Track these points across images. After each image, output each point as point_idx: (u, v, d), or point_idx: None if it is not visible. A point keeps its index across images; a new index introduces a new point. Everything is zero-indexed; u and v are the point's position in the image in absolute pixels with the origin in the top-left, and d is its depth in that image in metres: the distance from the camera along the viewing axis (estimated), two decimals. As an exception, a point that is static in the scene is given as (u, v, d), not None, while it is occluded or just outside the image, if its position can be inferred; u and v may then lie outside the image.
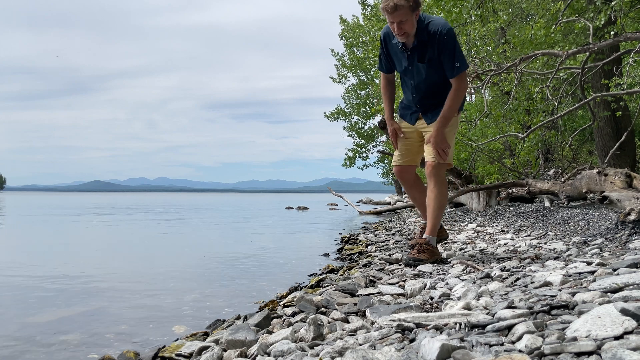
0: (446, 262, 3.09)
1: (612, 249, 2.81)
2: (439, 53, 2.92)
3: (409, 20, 2.82)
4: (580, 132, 8.27)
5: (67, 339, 2.39)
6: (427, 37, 2.90)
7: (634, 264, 1.97)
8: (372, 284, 2.73)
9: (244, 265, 4.84)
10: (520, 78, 6.48)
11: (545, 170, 10.28)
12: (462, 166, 11.09)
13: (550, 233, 4.20)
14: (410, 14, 2.81)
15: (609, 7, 5.81)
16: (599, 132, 7.72)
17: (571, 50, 5.52)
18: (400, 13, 2.77)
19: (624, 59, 7.01)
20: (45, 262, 5.19)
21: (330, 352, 1.40)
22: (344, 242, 6.56)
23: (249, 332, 1.88)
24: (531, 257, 2.85)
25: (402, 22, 2.81)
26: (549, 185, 6.80)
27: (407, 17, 2.80)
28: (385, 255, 4.01)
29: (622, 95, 5.56)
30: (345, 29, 23.29)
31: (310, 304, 2.30)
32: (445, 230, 3.52)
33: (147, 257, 5.82)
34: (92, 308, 3.07)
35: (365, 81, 24.80)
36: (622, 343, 1.08)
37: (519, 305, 1.58)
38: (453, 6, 7.75)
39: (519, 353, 1.15)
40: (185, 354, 1.87)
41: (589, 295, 1.55)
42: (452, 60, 2.90)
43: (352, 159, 25.95)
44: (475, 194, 8.86)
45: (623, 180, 4.01)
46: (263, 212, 19.72)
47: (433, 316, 1.61)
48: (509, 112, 8.04)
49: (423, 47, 2.94)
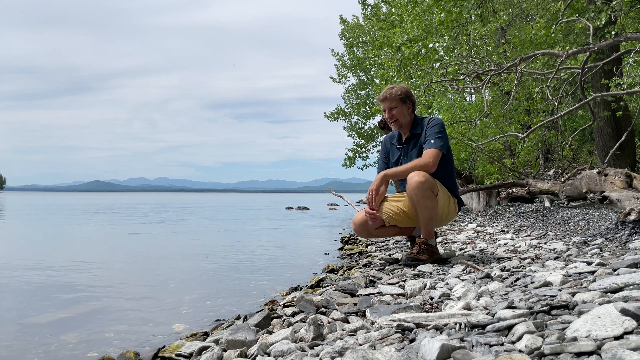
0: (446, 262, 3.09)
1: (612, 249, 2.81)
2: (425, 134, 3.18)
3: (398, 107, 3.22)
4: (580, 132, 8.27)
5: (67, 339, 2.39)
6: (421, 130, 3.24)
7: (634, 264, 1.97)
8: (372, 284, 2.73)
9: (243, 265, 4.84)
10: (520, 78, 6.48)
11: (545, 170, 10.28)
12: (462, 166, 11.09)
13: (550, 233, 4.20)
14: (400, 104, 3.23)
15: (609, 7, 5.81)
16: (599, 132, 7.73)
17: (571, 50, 5.52)
18: (390, 100, 3.22)
19: (624, 59, 7.01)
20: (45, 262, 5.19)
21: (330, 352, 1.40)
22: (344, 242, 6.56)
23: (249, 332, 1.88)
24: (531, 257, 2.85)
25: (392, 109, 3.23)
26: (549, 185, 6.80)
27: (396, 105, 3.22)
28: (385, 255, 4.01)
29: (622, 95, 5.56)
30: (345, 29, 23.27)
31: (310, 304, 2.29)
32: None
33: (147, 257, 5.82)
34: (92, 308, 3.07)
35: (365, 81, 24.77)
36: (622, 343, 1.08)
37: (519, 306, 1.58)
38: (453, 6, 7.74)
39: (519, 353, 1.15)
40: (185, 354, 1.87)
41: (589, 295, 1.55)
42: (432, 136, 3.13)
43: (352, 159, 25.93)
44: (475, 194, 8.86)
45: (623, 180, 4.00)
46: (263, 212, 19.72)
47: (433, 316, 1.61)
48: (509, 112, 8.03)
49: (416, 137, 3.26)
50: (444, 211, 3.14)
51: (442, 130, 3.16)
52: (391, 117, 3.24)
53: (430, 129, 3.15)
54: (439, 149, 3.06)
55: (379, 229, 3.28)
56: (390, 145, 3.45)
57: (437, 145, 3.06)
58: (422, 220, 3.05)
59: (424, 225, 3.07)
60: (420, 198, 2.96)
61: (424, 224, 3.07)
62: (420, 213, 3.02)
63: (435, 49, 8.80)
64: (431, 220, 3.05)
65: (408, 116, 3.26)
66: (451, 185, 3.22)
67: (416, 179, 2.94)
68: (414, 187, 2.95)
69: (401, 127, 3.28)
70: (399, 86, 3.30)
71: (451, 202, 3.20)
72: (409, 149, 3.27)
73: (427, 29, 8.34)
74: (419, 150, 3.19)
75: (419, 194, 2.95)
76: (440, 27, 8.01)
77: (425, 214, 3.02)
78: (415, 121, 3.28)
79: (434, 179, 3.02)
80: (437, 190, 3.03)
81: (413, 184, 2.95)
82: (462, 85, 7.54)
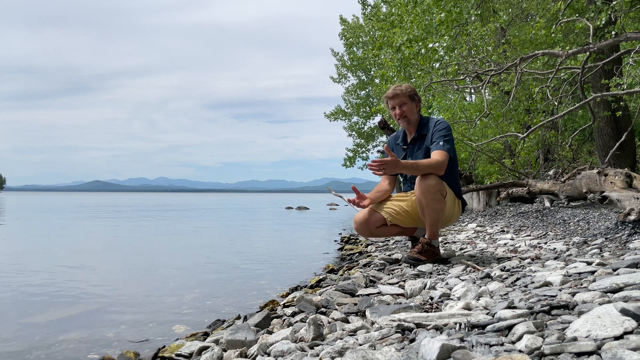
0: (446, 262, 3.09)
1: (612, 249, 2.81)
2: (432, 136, 3.14)
3: (408, 104, 3.20)
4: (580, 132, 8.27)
5: (67, 339, 2.39)
6: (427, 131, 3.21)
7: (634, 264, 1.97)
8: (372, 284, 2.73)
9: (244, 265, 4.84)
10: (521, 78, 6.48)
11: (545, 170, 10.28)
12: (462, 166, 11.09)
13: (550, 233, 4.20)
14: (409, 101, 3.21)
15: (610, 7, 5.81)
16: (599, 132, 7.73)
17: (571, 50, 5.52)
18: (401, 97, 3.19)
19: (624, 59, 7.01)
20: (45, 263, 5.19)
21: (330, 352, 1.40)
22: (344, 242, 6.56)
23: (249, 332, 1.88)
24: (531, 257, 2.85)
25: (402, 105, 3.20)
26: (549, 185, 6.80)
27: (407, 101, 3.20)
28: (385, 255, 4.01)
29: (622, 95, 5.56)
30: (345, 29, 23.28)
31: (310, 304, 2.29)
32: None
33: (147, 257, 5.82)
34: (92, 308, 3.07)
35: (365, 81, 24.77)
36: (622, 343, 1.08)
37: (519, 306, 1.58)
38: (453, 6, 7.75)
39: (519, 353, 1.15)
40: (185, 354, 1.87)
41: (589, 295, 1.55)
42: (441, 139, 3.09)
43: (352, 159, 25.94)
44: (475, 194, 8.86)
45: (623, 180, 4.00)
46: (263, 212, 19.72)
47: (433, 316, 1.61)
48: (509, 112, 8.04)
49: (422, 138, 3.23)
50: (449, 213, 3.14)
51: (450, 133, 3.14)
52: (401, 114, 3.20)
53: (439, 131, 3.13)
54: (448, 151, 3.04)
55: (380, 228, 3.27)
56: (394, 145, 3.43)
57: (446, 148, 3.04)
58: (429, 222, 3.04)
59: (430, 226, 3.06)
60: (430, 200, 2.95)
61: (430, 225, 3.05)
62: (428, 215, 3.01)
63: (435, 49, 8.80)
64: (438, 222, 3.05)
65: (416, 114, 3.25)
66: (455, 188, 3.22)
67: (428, 182, 2.93)
68: (425, 189, 2.93)
69: (409, 124, 3.25)
70: (407, 84, 3.30)
71: (456, 204, 3.20)
72: (415, 150, 3.26)
73: (427, 29, 8.34)
74: (424, 152, 3.18)
75: (429, 197, 2.94)
76: (440, 27, 8.01)
77: (433, 216, 3.01)
78: (422, 121, 3.26)
79: (443, 181, 3.02)
80: (445, 193, 3.02)
81: (424, 186, 2.93)
82: (462, 85, 7.55)
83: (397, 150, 3.39)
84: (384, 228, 3.27)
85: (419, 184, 2.97)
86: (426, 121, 3.26)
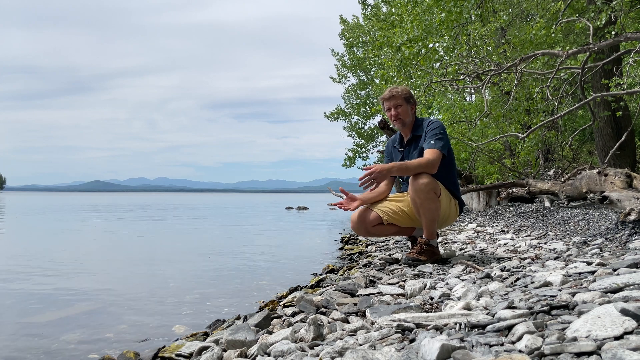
0: (446, 262, 3.09)
1: (612, 249, 2.81)
2: (425, 135, 3.16)
3: (403, 106, 3.23)
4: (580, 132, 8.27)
5: (67, 339, 2.39)
6: (421, 131, 3.24)
7: (634, 264, 1.97)
8: (372, 284, 2.73)
9: (244, 266, 4.84)
10: (521, 78, 6.48)
11: (545, 170, 10.28)
12: (462, 166, 11.09)
13: (550, 233, 4.20)
14: (405, 103, 3.24)
15: (610, 7, 5.81)
16: (599, 132, 7.72)
17: (571, 50, 5.52)
18: (396, 98, 3.23)
19: (624, 59, 7.01)
20: (45, 263, 5.19)
21: (330, 352, 1.40)
22: (344, 242, 6.56)
23: (249, 332, 1.88)
24: (531, 257, 2.85)
25: (397, 107, 3.23)
26: (549, 185, 6.80)
27: (402, 103, 3.23)
28: (385, 255, 4.01)
29: (622, 95, 5.56)
30: (345, 29, 23.27)
31: (310, 304, 2.29)
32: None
33: (147, 257, 5.82)
34: (92, 308, 3.08)
35: (365, 81, 24.77)
36: (622, 343, 1.08)
37: (519, 306, 1.58)
38: (453, 6, 7.75)
39: (519, 353, 1.15)
40: (185, 354, 1.87)
41: (589, 295, 1.55)
42: (432, 138, 3.10)
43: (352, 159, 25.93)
44: (475, 194, 8.86)
45: (623, 180, 4.00)
46: (263, 212, 19.72)
47: (433, 316, 1.61)
48: (509, 112, 8.03)
49: (417, 139, 3.26)
50: (445, 212, 3.14)
51: (442, 132, 3.15)
52: (396, 116, 3.24)
53: (431, 130, 3.15)
54: (439, 149, 3.05)
55: (376, 227, 3.27)
56: (392, 149, 3.46)
57: (437, 146, 3.06)
58: (425, 222, 3.05)
59: (426, 226, 3.07)
60: (423, 200, 2.95)
61: (426, 225, 3.06)
62: (423, 214, 3.02)
63: (435, 49, 8.80)
64: (434, 221, 3.05)
65: (411, 116, 3.28)
66: (452, 187, 3.21)
67: (419, 181, 2.93)
68: (417, 188, 2.94)
69: (404, 125, 3.28)
70: (403, 87, 3.32)
71: (452, 204, 3.19)
72: (411, 151, 3.28)
73: (427, 29, 8.34)
74: (419, 152, 3.19)
75: (422, 196, 2.94)
76: (440, 27, 8.02)
77: (428, 215, 3.01)
78: (417, 123, 3.29)
79: (436, 180, 3.02)
80: (439, 192, 3.02)
81: (416, 185, 2.94)
82: (462, 85, 7.55)
83: (395, 153, 3.42)
84: (381, 227, 3.28)
85: (411, 183, 2.99)
86: (420, 122, 3.29)
